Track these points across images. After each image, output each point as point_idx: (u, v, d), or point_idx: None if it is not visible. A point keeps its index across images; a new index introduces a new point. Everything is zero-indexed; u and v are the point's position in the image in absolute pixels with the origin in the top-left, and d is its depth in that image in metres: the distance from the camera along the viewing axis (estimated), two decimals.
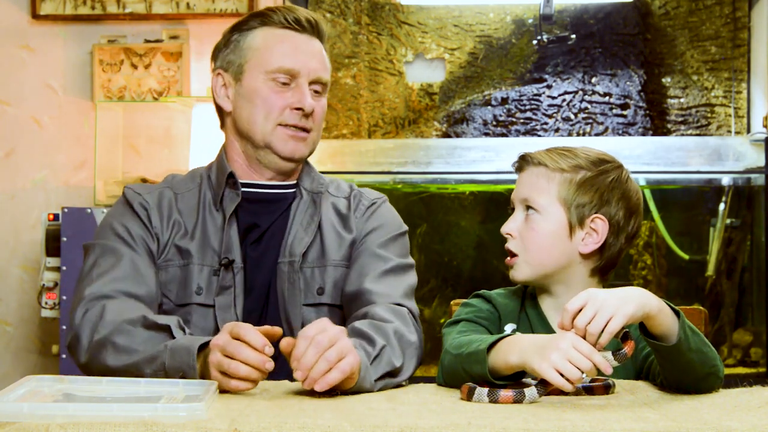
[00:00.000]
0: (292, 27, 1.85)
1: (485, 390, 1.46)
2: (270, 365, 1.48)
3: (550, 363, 1.43)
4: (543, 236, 1.76)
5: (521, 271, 1.77)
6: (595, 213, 1.76)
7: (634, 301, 1.45)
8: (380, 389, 1.61)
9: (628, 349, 1.46)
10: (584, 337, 1.44)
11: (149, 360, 1.60)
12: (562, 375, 1.42)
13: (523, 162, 1.81)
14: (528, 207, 1.77)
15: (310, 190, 1.91)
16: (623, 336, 1.47)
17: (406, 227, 1.96)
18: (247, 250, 1.84)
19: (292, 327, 1.80)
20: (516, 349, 1.50)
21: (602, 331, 1.43)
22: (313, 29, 1.88)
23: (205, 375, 1.54)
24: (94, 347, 1.68)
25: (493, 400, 1.45)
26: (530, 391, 1.45)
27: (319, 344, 1.45)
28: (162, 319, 1.68)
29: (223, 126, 1.94)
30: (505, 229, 1.79)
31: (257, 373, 1.48)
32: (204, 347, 1.56)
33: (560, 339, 1.45)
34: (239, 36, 1.87)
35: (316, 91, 1.87)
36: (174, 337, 1.63)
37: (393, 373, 1.66)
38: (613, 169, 1.79)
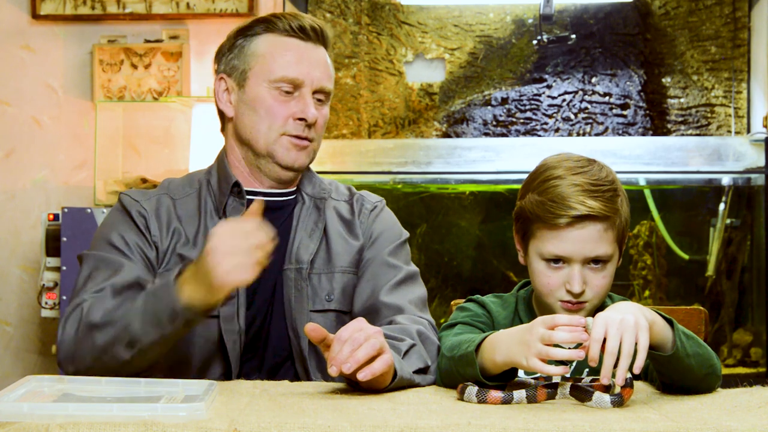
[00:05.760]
0: (296, 35, 1.82)
1: (475, 389, 1.47)
2: None
3: (534, 353, 1.43)
4: (611, 279, 1.74)
5: (589, 310, 1.72)
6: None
7: (639, 313, 1.44)
8: (416, 384, 1.63)
9: (625, 395, 1.44)
10: (617, 362, 1.41)
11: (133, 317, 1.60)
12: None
13: (586, 220, 1.68)
14: (595, 261, 1.71)
15: (312, 195, 1.89)
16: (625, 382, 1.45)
17: (407, 233, 1.96)
18: None
19: (298, 334, 1.79)
20: (499, 347, 1.50)
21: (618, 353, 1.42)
22: (318, 37, 1.84)
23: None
24: (80, 338, 1.67)
25: (481, 400, 1.45)
26: (519, 394, 1.45)
27: (355, 341, 1.48)
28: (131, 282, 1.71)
29: (223, 130, 1.91)
30: (579, 288, 1.68)
31: None
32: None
33: (533, 327, 1.45)
34: (243, 41, 1.84)
35: (319, 100, 1.84)
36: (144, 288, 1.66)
37: (424, 370, 1.67)
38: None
